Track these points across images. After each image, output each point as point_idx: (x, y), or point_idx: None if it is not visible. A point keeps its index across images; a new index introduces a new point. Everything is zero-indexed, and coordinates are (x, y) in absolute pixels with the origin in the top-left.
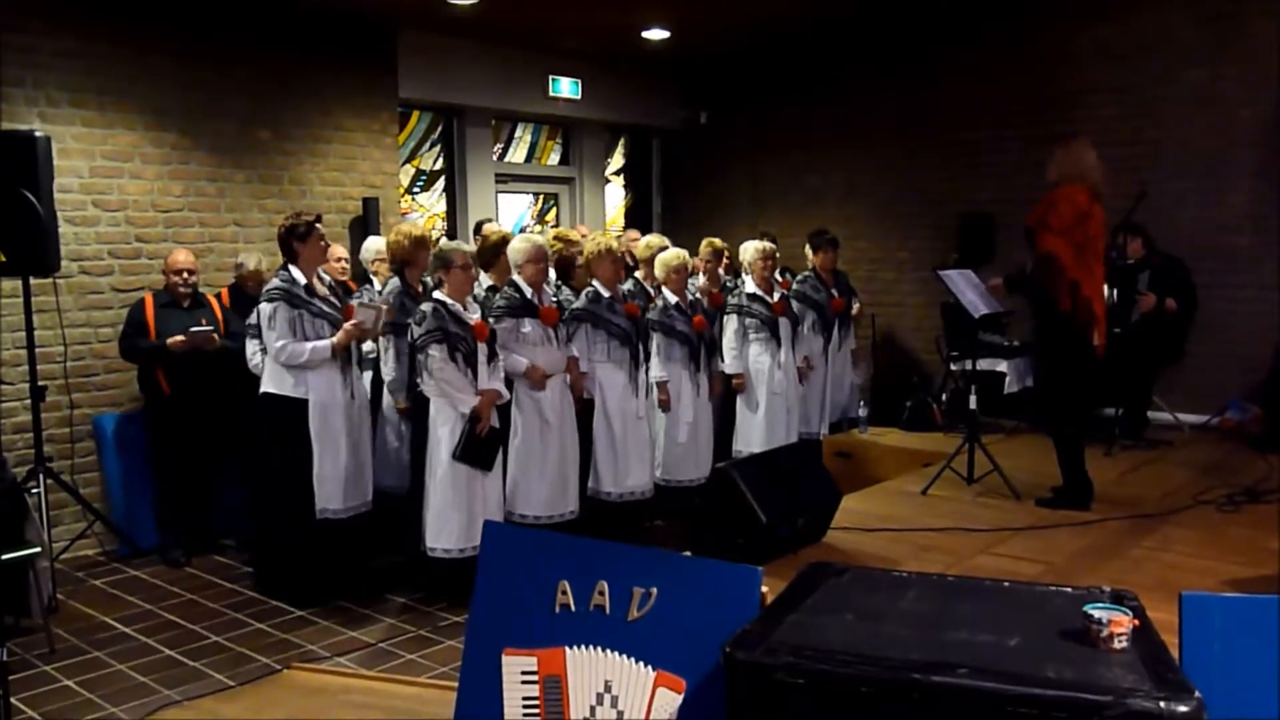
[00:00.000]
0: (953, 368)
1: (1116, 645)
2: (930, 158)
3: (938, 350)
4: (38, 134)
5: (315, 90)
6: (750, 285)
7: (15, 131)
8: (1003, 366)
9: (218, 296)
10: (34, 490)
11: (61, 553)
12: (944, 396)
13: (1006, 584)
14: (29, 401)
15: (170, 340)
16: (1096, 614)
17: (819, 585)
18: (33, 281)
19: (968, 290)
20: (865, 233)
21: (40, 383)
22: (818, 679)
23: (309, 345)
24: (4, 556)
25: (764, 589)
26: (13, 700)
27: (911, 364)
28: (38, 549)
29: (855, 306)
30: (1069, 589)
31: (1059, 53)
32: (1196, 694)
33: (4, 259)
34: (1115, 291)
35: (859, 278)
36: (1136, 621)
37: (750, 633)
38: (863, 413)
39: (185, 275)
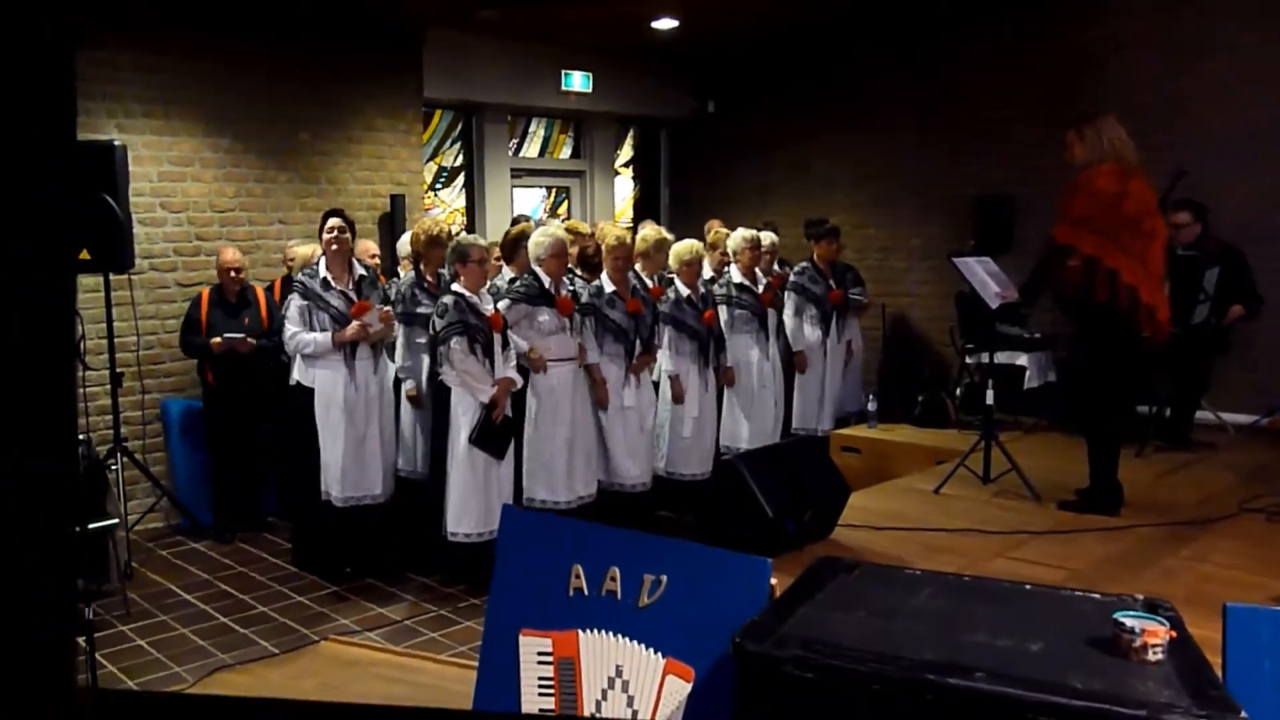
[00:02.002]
0: (968, 361)
1: (1150, 657)
2: (942, 139)
3: (951, 342)
4: (116, 143)
5: (349, 94)
6: (736, 275)
7: (96, 141)
8: (1022, 360)
9: (269, 289)
10: (113, 467)
11: (134, 525)
12: (958, 391)
13: (1028, 586)
14: (109, 386)
15: (212, 342)
16: (1128, 622)
17: (829, 580)
18: (111, 278)
19: (985, 278)
20: (875, 220)
21: (118, 369)
22: (828, 673)
23: (311, 336)
24: (89, 526)
25: (773, 581)
26: (97, 656)
27: (924, 356)
28: (116, 520)
29: (855, 322)
30: (1097, 595)
31: (1080, 12)
32: (1242, 714)
33: (89, 257)
34: (1171, 286)
35: (869, 267)
36: (1174, 632)
37: (760, 624)
38: (872, 407)
39: (234, 273)
